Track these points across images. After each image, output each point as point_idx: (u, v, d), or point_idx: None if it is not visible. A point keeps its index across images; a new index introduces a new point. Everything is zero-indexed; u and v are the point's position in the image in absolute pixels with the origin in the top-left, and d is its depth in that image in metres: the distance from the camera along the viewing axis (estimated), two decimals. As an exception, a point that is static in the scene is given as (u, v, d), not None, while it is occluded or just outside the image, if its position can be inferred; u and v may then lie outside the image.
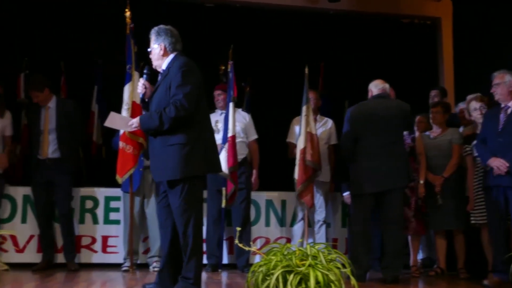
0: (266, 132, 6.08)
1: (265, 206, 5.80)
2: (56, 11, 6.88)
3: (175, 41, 3.80)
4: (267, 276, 2.76)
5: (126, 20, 5.16)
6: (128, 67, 5.16)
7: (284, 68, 7.02)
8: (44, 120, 5.27)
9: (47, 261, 5.25)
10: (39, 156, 5.24)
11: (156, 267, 5.17)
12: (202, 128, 3.62)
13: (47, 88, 5.32)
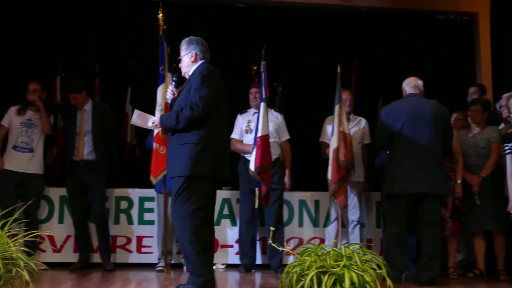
0: (299, 132, 6.04)
1: (298, 206, 5.76)
2: (90, 14, 7.00)
3: (204, 50, 4.04)
4: (301, 277, 2.73)
5: (159, 22, 5.21)
6: (161, 68, 5.20)
7: (316, 67, 6.98)
8: (80, 122, 5.37)
9: (83, 261, 5.33)
10: (74, 157, 5.32)
11: (190, 267, 5.19)
12: (217, 131, 3.74)
13: (84, 91, 5.42)
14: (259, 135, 5.14)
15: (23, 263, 2.51)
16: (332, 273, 2.66)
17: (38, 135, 5.36)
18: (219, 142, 3.75)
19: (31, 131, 5.35)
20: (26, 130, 5.34)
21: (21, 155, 5.29)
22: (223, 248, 5.63)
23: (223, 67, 6.79)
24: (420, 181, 4.48)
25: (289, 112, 6.26)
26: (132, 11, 7.06)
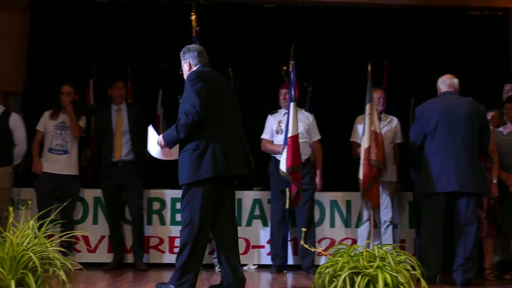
0: (330, 132, 6.01)
1: (330, 206, 5.73)
2: (122, 18, 7.11)
3: (197, 55, 3.98)
4: (334, 277, 2.71)
5: (192, 23, 5.25)
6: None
7: (347, 67, 6.92)
8: (116, 122, 5.45)
9: (117, 261, 5.41)
10: (112, 158, 5.39)
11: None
12: (216, 132, 3.72)
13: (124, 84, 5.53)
14: (289, 136, 5.14)
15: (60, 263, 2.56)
16: (365, 274, 2.63)
17: (72, 137, 5.47)
18: (219, 142, 3.71)
19: (64, 133, 5.46)
20: (60, 132, 5.45)
21: (56, 157, 5.41)
22: (255, 248, 5.63)
23: (253, 67, 6.89)
24: (456, 180, 4.40)
25: (320, 112, 6.22)
26: (162, 14, 7.14)
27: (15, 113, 5.52)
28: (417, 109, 4.76)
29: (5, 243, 2.47)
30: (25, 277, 2.43)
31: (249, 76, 6.82)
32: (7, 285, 2.36)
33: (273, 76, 6.35)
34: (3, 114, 5.41)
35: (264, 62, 6.83)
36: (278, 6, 7.20)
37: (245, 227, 5.65)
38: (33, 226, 2.61)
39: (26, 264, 2.48)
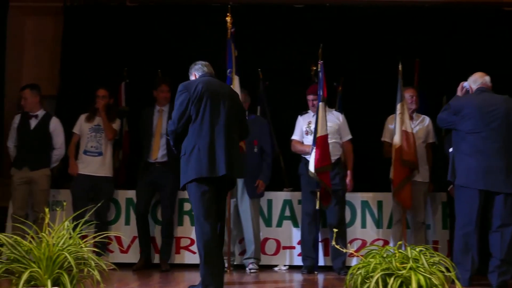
0: (360, 132, 5.95)
1: (361, 207, 5.67)
2: (152, 21, 7.21)
3: (201, 66, 4.27)
4: (366, 279, 2.69)
5: (227, 25, 5.28)
6: (228, 71, 5.27)
7: (377, 66, 6.85)
8: (157, 123, 5.49)
9: (144, 260, 5.46)
10: (148, 159, 5.44)
11: (252, 269, 5.23)
12: (201, 135, 3.91)
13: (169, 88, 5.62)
14: (318, 136, 5.10)
15: (94, 263, 2.60)
16: (398, 275, 2.60)
17: (106, 140, 5.56)
18: (203, 146, 3.88)
19: (99, 136, 5.55)
20: (95, 135, 5.55)
21: (91, 159, 5.51)
22: (285, 249, 5.62)
23: (282, 68, 6.88)
24: (493, 179, 4.30)
25: (351, 111, 6.18)
26: (192, 17, 7.20)
27: (55, 117, 5.66)
28: (454, 103, 4.61)
29: (41, 244, 2.52)
30: (60, 277, 2.48)
31: (279, 77, 6.82)
32: (44, 285, 2.41)
33: (303, 77, 6.33)
34: (44, 117, 5.57)
35: (293, 63, 6.82)
36: (307, 6, 7.18)
37: (275, 227, 5.65)
38: (68, 227, 2.65)
39: (61, 264, 2.52)
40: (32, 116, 5.56)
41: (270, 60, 6.89)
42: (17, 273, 2.49)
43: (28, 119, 5.55)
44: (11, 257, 2.50)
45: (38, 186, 5.43)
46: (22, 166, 5.46)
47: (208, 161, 3.86)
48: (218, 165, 3.88)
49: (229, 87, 4.44)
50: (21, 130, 5.55)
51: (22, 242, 2.51)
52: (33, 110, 5.57)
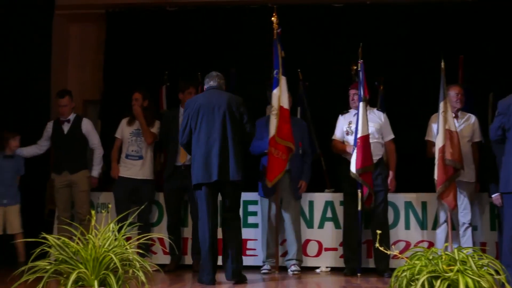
0: (403, 131, 5.85)
1: (404, 208, 5.57)
2: (191, 25, 7.28)
3: (207, 81, 4.82)
4: (412, 281, 2.63)
5: (273, 25, 5.27)
6: (275, 72, 5.27)
7: (419, 64, 6.72)
8: None
9: (175, 262, 5.51)
10: (176, 162, 5.48)
11: (294, 270, 5.20)
12: (197, 146, 4.54)
13: (196, 90, 5.68)
14: (359, 136, 5.04)
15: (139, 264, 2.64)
16: (445, 278, 2.53)
17: (146, 143, 5.64)
18: (200, 155, 4.49)
19: (140, 140, 5.64)
20: (136, 139, 5.64)
21: (132, 163, 5.60)
22: (327, 251, 5.58)
23: (322, 68, 6.83)
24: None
25: (393, 110, 6.07)
26: (231, 19, 7.24)
27: (86, 118, 5.80)
28: (500, 103, 4.50)
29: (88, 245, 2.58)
30: (107, 278, 2.52)
31: (319, 77, 6.78)
32: (91, 285, 2.46)
33: (343, 76, 6.28)
34: (75, 120, 5.70)
35: (333, 62, 6.77)
36: (347, 6, 7.11)
37: (317, 229, 5.62)
38: (113, 229, 2.70)
39: (107, 265, 2.57)
40: (64, 121, 5.69)
41: (309, 60, 6.85)
42: (65, 273, 2.55)
43: (61, 125, 5.69)
44: (59, 258, 2.56)
45: (79, 188, 5.57)
46: (61, 170, 5.61)
47: (203, 168, 4.46)
48: (212, 171, 4.44)
49: (228, 96, 4.68)
50: (55, 136, 5.70)
51: (70, 243, 2.57)
52: (66, 115, 5.70)
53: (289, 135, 5.16)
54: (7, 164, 5.59)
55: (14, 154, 5.65)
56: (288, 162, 5.31)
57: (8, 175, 5.59)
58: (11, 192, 5.58)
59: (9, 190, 5.57)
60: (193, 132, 4.56)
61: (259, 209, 5.59)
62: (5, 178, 5.57)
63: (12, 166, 5.63)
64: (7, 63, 5.98)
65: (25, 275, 2.48)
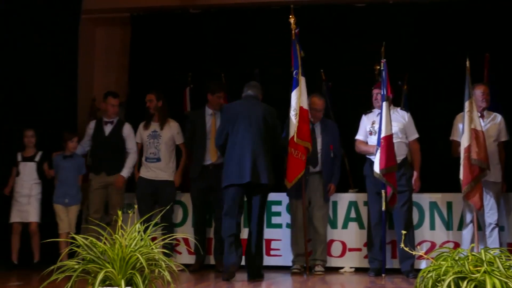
0: (427, 131, 5.80)
1: (429, 208, 5.52)
2: (214, 26, 7.33)
3: (245, 89, 5.10)
4: (437, 282, 2.61)
5: (291, 26, 5.28)
6: (294, 72, 5.27)
7: (443, 62, 6.65)
8: (210, 126, 5.55)
9: (200, 262, 5.56)
10: (205, 162, 5.50)
11: (318, 270, 5.21)
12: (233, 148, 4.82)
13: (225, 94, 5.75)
14: (382, 136, 5.01)
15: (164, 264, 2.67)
16: (472, 279, 2.51)
17: (164, 145, 5.66)
18: (234, 158, 4.76)
19: (157, 142, 5.67)
20: (153, 141, 5.68)
21: (151, 165, 5.66)
22: (351, 251, 5.57)
23: (345, 68, 6.81)
24: None
25: (417, 110, 6.02)
26: (253, 20, 7.27)
27: (127, 123, 5.88)
28: None
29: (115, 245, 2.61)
30: (133, 277, 2.55)
31: (342, 77, 6.76)
32: (118, 284, 2.50)
33: (366, 76, 6.25)
34: (118, 123, 5.81)
35: (356, 62, 6.74)
36: (369, 5, 7.07)
37: (341, 229, 5.61)
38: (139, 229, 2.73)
39: (134, 265, 2.60)
40: (108, 123, 5.79)
41: (333, 60, 6.84)
42: (93, 273, 2.59)
43: (103, 126, 5.78)
44: (87, 257, 2.61)
45: (115, 190, 5.64)
46: (99, 171, 5.69)
47: (236, 170, 4.72)
48: (245, 173, 4.68)
49: (264, 107, 4.99)
50: (96, 136, 5.79)
51: (97, 243, 2.61)
52: (111, 116, 5.80)
53: (307, 136, 5.16)
54: (67, 164, 5.63)
55: (74, 154, 5.68)
56: (319, 165, 5.32)
57: (69, 174, 5.62)
58: (72, 191, 5.62)
59: (70, 189, 5.61)
60: (229, 137, 4.86)
61: (283, 209, 5.60)
62: (66, 178, 5.61)
63: (72, 166, 5.65)
64: (36, 67, 6.10)
65: (55, 274, 2.54)
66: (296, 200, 5.35)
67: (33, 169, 5.70)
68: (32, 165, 5.71)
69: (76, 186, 5.68)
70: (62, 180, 5.63)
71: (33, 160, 5.72)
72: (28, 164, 5.70)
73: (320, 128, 5.50)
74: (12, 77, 5.90)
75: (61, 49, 6.47)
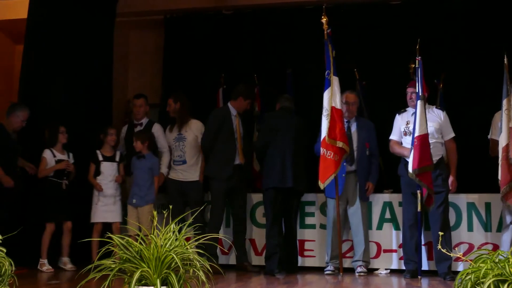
0: (464, 129, 5.68)
1: (467, 209, 5.41)
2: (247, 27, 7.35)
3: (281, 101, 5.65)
4: (477, 285, 2.55)
5: (323, 26, 5.25)
6: (326, 73, 5.24)
7: (480, 60, 6.49)
8: (236, 128, 5.56)
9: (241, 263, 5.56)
10: (236, 161, 5.49)
11: (360, 271, 5.16)
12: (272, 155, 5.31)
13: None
14: (416, 135, 4.91)
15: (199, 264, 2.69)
16: (512, 282, 2.44)
17: (189, 147, 5.68)
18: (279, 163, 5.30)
19: (182, 144, 5.70)
20: (178, 144, 5.72)
21: (178, 168, 5.71)
22: (386, 252, 5.50)
23: (380, 67, 6.73)
24: None
25: (453, 108, 5.90)
26: (286, 20, 7.26)
27: (157, 123, 5.95)
28: None
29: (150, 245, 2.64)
30: (168, 277, 2.58)
31: (376, 76, 6.69)
32: (154, 284, 2.52)
33: (401, 74, 6.16)
34: (148, 124, 5.89)
35: (391, 61, 6.65)
36: (404, 3, 6.97)
37: (375, 230, 5.55)
38: (174, 229, 2.76)
39: (169, 265, 2.62)
40: (137, 125, 5.88)
41: (367, 59, 6.77)
42: (129, 272, 2.62)
43: (134, 128, 5.87)
44: (123, 257, 2.64)
45: None
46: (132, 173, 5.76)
47: (279, 175, 5.19)
48: (287, 179, 5.19)
49: (298, 118, 5.56)
50: (128, 139, 5.87)
51: (133, 243, 2.64)
52: (139, 118, 5.87)
53: (341, 136, 5.12)
54: (139, 164, 5.58)
55: (146, 155, 5.59)
56: (355, 163, 5.29)
57: (140, 175, 5.56)
58: (142, 192, 5.52)
59: (140, 190, 5.53)
60: (270, 143, 5.34)
61: (316, 210, 5.58)
62: (137, 179, 5.57)
63: (144, 167, 5.57)
64: (72, 70, 6.23)
65: (92, 273, 2.58)
66: (332, 200, 5.32)
67: (115, 169, 5.72)
68: (114, 165, 5.72)
69: (146, 187, 5.54)
70: (134, 181, 5.60)
71: (114, 160, 5.74)
72: (110, 164, 5.71)
73: (355, 125, 5.46)
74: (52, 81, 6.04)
75: (97, 52, 6.60)
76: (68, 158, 5.70)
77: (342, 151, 5.13)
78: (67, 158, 5.68)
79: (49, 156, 5.57)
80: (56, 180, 5.58)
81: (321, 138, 5.19)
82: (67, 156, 5.70)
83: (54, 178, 5.57)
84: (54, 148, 5.62)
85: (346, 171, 5.30)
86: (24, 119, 5.49)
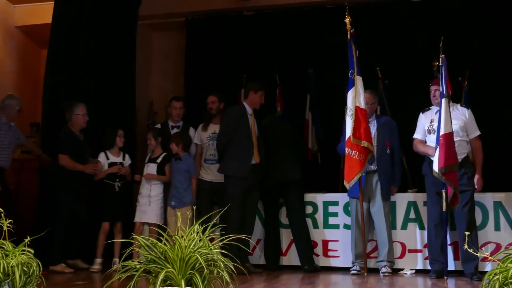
0: (489, 127, 5.58)
1: (493, 208, 5.31)
2: (268, 28, 7.36)
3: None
4: (505, 285, 2.51)
5: (347, 26, 5.22)
6: (350, 72, 5.21)
7: (506, 57, 6.39)
8: (252, 126, 5.49)
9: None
10: (253, 161, 5.42)
11: (385, 272, 5.12)
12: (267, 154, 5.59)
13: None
14: (441, 134, 4.84)
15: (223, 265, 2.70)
16: (541, 282, 2.40)
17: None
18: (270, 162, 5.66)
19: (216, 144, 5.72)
20: (212, 143, 5.72)
21: (210, 167, 5.72)
22: (411, 253, 5.44)
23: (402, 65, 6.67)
24: None
25: (478, 106, 5.81)
26: (307, 20, 7.24)
27: (192, 127, 5.99)
28: None
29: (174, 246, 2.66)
30: (193, 277, 2.59)
31: (399, 74, 6.63)
32: (178, 284, 2.54)
33: (424, 73, 6.09)
34: (184, 127, 5.98)
35: (413, 59, 6.59)
36: (425, 0, 6.89)
37: (400, 230, 5.49)
38: (198, 230, 2.77)
39: (193, 265, 2.64)
40: (174, 127, 5.94)
41: (389, 58, 6.72)
42: (154, 273, 2.64)
43: (170, 129, 5.92)
44: (148, 258, 2.67)
45: None
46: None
47: (269, 172, 5.51)
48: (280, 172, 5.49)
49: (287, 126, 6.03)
50: (165, 141, 5.82)
51: (158, 244, 2.67)
52: (176, 120, 5.97)
53: (366, 135, 5.09)
54: (176, 166, 5.60)
55: (183, 157, 5.59)
56: (375, 162, 5.25)
57: (178, 177, 5.57)
58: (179, 194, 5.53)
59: (177, 192, 5.53)
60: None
61: (340, 210, 5.55)
62: (175, 181, 5.58)
63: (181, 169, 5.57)
64: (95, 73, 6.31)
65: (117, 274, 2.61)
66: (354, 200, 5.29)
67: (153, 170, 5.71)
68: (153, 166, 5.73)
69: (183, 189, 5.54)
70: (172, 183, 5.62)
71: (155, 162, 5.75)
72: (150, 165, 5.74)
73: (375, 124, 5.41)
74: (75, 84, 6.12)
75: (120, 55, 6.67)
76: (123, 160, 5.81)
77: (367, 151, 5.10)
78: (121, 160, 5.79)
79: (103, 159, 5.74)
80: (109, 182, 5.69)
81: (345, 138, 5.16)
82: (122, 158, 5.81)
83: (107, 180, 5.69)
84: (111, 150, 5.77)
85: (366, 171, 5.26)
86: (20, 108, 5.65)
